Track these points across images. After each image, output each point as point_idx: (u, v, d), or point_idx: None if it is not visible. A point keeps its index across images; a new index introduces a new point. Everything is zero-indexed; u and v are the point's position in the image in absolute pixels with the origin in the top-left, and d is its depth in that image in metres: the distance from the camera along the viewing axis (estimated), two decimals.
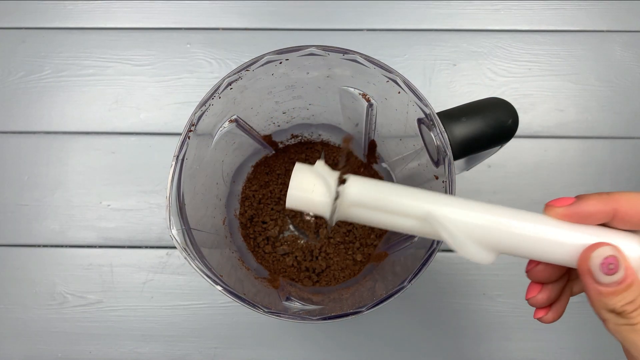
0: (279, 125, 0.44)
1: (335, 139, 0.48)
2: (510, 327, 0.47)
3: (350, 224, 0.46)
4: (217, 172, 0.40)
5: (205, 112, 0.33)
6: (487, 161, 0.41)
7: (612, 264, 0.18)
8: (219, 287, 0.30)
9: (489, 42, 0.55)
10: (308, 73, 0.36)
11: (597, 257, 0.18)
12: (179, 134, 0.33)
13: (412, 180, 0.41)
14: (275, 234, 0.46)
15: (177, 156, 0.32)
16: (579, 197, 0.20)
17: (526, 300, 0.23)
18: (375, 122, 0.40)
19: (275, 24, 0.55)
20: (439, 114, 0.33)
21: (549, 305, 0.23)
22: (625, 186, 0.51)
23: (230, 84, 0.34)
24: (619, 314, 0.19)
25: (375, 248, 0.46)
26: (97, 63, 0.54)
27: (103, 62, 0.54)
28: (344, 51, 0.33)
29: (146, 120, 0.53)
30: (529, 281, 0.49)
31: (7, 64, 0.54)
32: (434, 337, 0.47)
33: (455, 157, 0.32)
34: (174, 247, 0.49)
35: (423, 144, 0.35)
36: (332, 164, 0.47)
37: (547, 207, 0.21)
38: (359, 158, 0.46)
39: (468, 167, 0.40)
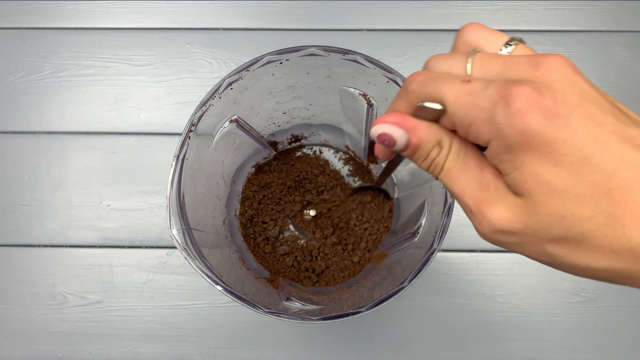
0: (279, 126, 0.44)
1: (335, 139, 0.48)
2: (510, 327, 0.47)
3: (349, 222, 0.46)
4: (218, 172, 0.40)
5: (206, 112, 0.33)
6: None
7: (387, 141, 0.20)
8: (219, 287, 0.30)
9: None
10: (308, 73, 0.36)
11: (374, 138, 0.21)
12: (179, 134, 0.33)
13: (412, 180, 0.41)
14: (275, 234, 0.46)
15: (178, 156, 0.32)
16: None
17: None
18: None
19: (275, 24, 0.55)
20: None
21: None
22: None
23: (230, 84, 0.34)
24: (427, 170, 0.21)
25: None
26: (97, 63, 0.54)
27: (103, 62, 0.54)
28: (345, 51, 0.33)
29: (146, 120, 0.53)
30: (528, 282, 0.49)
31: (7, 63, 0.54)
32: (434, 337, 0.47)
33: None
34: (174, 247, 0.49)
35: None
36: (336, 165, 0.47)
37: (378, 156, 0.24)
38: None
39: None
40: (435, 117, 0.19)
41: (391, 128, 0.20)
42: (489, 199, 0.18)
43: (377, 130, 0.20)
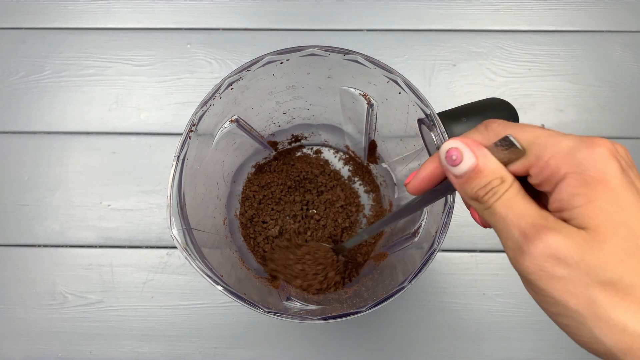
0: (279, 126, 0.44)
1: (335, 139, 0.48)
2: (510, 327, 0.47)
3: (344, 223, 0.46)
4: (218, 172, 0.40)
5: (206, 112, 0.33)
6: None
7: (455, 155, 0.20)
8: (219, 287, 0.30)
9: (488, 42, 0.55)
10: (309, 73, 0.36)
11: (442, 151, 0.21)
12: (180, 134, 0.33)
13: None
14: (275, 234, 0.46)
15: (178, 156, 0.32)
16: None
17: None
18: (375, 123, 0.40)
19: (275, 24, 0.55)
20: (439, 114, 0.33)
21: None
22: None
23: (231, 84, 0.34)
24: (476, 199, 0.21)
25: (374, 247, 0.46)
26: (97, 63, 0.54)
27: (103, 62, 0.54)
28: (345, 51, 0.33)
29: (146, 120, 0.53)
30: None
31: (7, 64, 0.54)
32: (434, 337, 0.47)
33: None
34: (174, 247, 0.49)
35: (423, 144, 0.35)
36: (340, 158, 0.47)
37: (406, 187, 0.25)
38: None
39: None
40: (506, 161, 0.21)
41: (463, 146, 0.20)
42: (549, 226, 0.19)
43: (449, 144, 0.21)
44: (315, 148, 0.49)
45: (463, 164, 0.20)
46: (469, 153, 0.20)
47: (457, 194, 0.31)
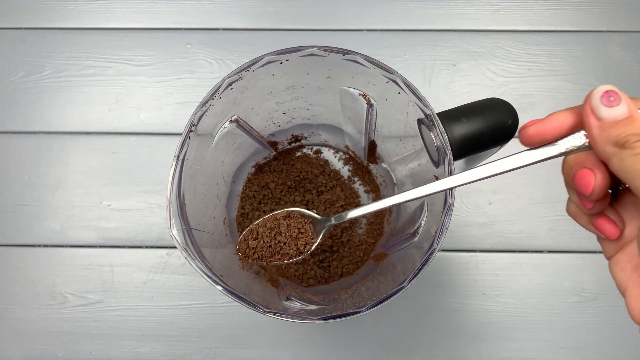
0: (279, 126, 0.44)
1: (335, 139, 0.48)
2: (510, 327, 0.47)
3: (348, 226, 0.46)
4: (218, 172, 0.40)
5: (206, 112, 0.33)
6: (486, 161, 0.41)
7: (612, 97, 0.20)
8: (219, 287, 0.30)
9: (488, 42, 0.55)
10: (308, 73, 0.36)
11: (598, 92, 0.21)
12: (180, 134, 0.33)
13: (413, 181, 0.41)
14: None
15: (178, 156, 0.32)
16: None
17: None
18: (375, 123, 0.40)
19: (275, 24, 0.55)
20: (438, 114, 0.33)
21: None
22: None
23: (230, 84, 0.34)
24: (622, 145, 0.20)
25: (374, 247, 0.46)
26: (97, 63, 0.54)
27: (103, 62, 0.54)
28: (344, 51, 0.33)
29: (146, 120, 0.53)
30: (528, 282, 0.49)
31: (7, 64, 0.54)
32: (434, 337, 0.47)
33: (455, 158, 0.32)
34: (174, 247, 0.49)
35: (423, 145, 0.35)
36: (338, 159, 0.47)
37: (521, 132, 0.24)
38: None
39: (468, 167, 0.40)
40: None
41: (621, 93, 0.20)
42: None
43: (606, 86, 0.21)
44: (315, 148, 0.49)
45: (618, 107, 0.20)
46: (624, 101, 0.20)
47: (456, 195, 0.31)
